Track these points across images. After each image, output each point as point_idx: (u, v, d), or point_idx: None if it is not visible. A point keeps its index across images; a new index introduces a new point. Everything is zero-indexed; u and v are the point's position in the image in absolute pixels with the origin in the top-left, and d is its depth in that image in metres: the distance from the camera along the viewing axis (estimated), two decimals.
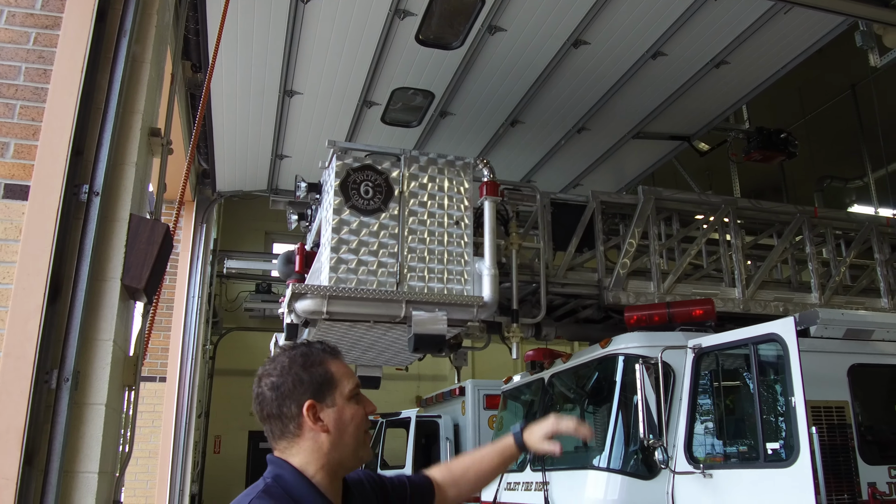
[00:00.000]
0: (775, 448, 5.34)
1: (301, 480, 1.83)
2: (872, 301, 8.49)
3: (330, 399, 1.89)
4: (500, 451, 2.43)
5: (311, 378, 1.90)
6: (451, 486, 2.35)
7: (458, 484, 2.37)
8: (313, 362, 1.93)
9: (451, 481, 2.36)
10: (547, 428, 2.41)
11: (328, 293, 5.95)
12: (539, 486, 6.76)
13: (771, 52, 8.06)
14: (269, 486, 1.81)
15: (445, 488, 2.34)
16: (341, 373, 1.95)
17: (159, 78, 4.67)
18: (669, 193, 7.92)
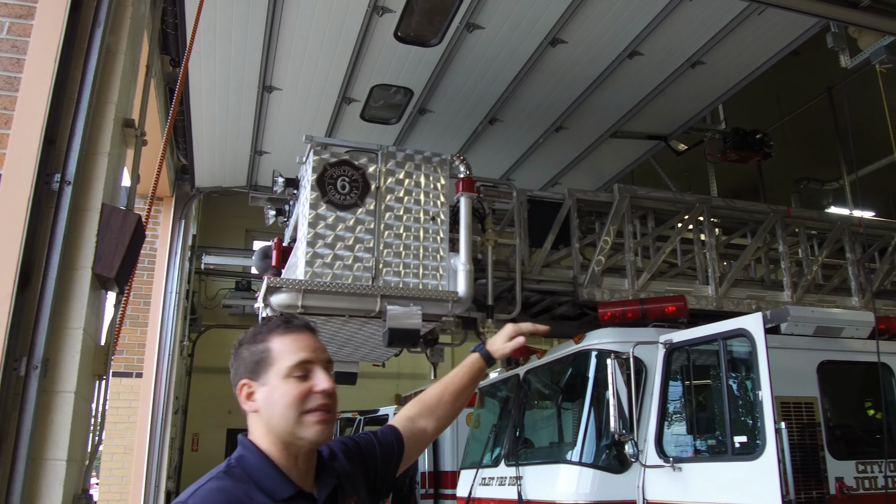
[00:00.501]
0: (743, 441, 5.42)
1: (262, 460, 1.83)
2: (844, 299, 8.63)
3: (264, 377, 1.86)
4: (469, 367, 2.48)
5: (250, 356, 1.90)
6: (428, 416, 2.37)
7: (436, 411, 2.39)
8: (257, 339, 1.92)
9: (427, 411, 2.38)
10: (508, 331, 2.51)
11: (303, 287, 5.98)
12: (513, 481, 6.82)
13: (746, 52, 8.17)
14: (231, 466, 1.82)
15: (421, 419, 2.36)
16: (283, 349, 1.88)
17: (134, 69, 4.68)
18: (645, 192, 8.01)
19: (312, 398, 1.84)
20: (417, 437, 2.34)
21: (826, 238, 8.86)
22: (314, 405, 1.84)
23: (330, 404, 1.86)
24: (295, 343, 1.90)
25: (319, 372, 1.88)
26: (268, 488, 1.79)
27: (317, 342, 1.94)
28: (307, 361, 1.87)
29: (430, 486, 12.00)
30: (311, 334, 1.95)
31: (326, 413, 1.85)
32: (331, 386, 1.87)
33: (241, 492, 1.76)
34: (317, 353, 1.90)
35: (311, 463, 1.92)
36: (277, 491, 1.79)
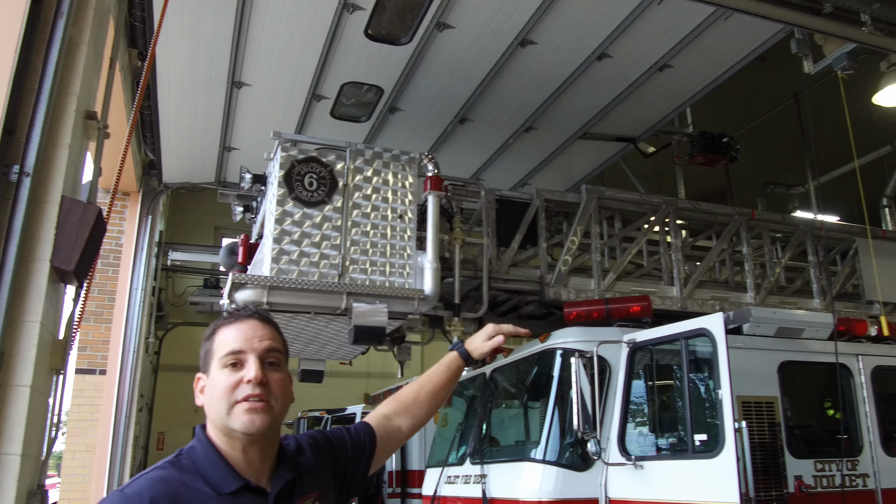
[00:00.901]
0: (703, 440, 5.49)
1: (210, 452, 1.81)
2: (805, 301, 8.78)
3: (209, 369, 1.87)
4: (447, 366, 2.46)
5: (202, 351, 1.92)
6: (403, 415, 2.34)
7: (411, 410, 2.36)
8: (209, 334, 1.92)
9: (403, 409, 2.35)
10: (487, 330, 2.51)
11: (269, 284, 5.95)
12: (478, 479, 6.84)
13: (713, 57, 8.28)
14: (179, 457, 1.82)
15: (396, 417, 2.33)
16: (224, 339, 1.87)
17: (98, 61, 4.64)
18: (612, 193, 8.08)
19: (241, 388, 1.81)
20: (391, 436, 2.31)
21: (789, 241, 9.01)
22: (242, 395, 1.80)
23: (260, 394, 1.81)
24: (232, 333, 1.88)
25: (251, 361, 1.84)
26: (213, 481, 1.76)
27: (259, 331, 1.89)
28: (238, 351, 1.84)
29: (397, 485, 11.98)
30: (258, 322, 1.91)
31: (255, 403, 1.80)
32: (256, 375, 1.81)
33: (183, 483, 1.73)
34: (251, 342, 1.86)
35: (265, 455, 1.87)
36: (222, 484, 1.77)
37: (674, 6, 7.23)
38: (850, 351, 6.86)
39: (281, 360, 1.92)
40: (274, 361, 1.89)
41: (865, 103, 11.55)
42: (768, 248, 8.86)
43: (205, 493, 1.73)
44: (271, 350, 1.88)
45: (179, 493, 1.70)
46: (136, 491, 1.68)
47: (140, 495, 1.67)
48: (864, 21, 6.42)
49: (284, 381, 1.91)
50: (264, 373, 1.84)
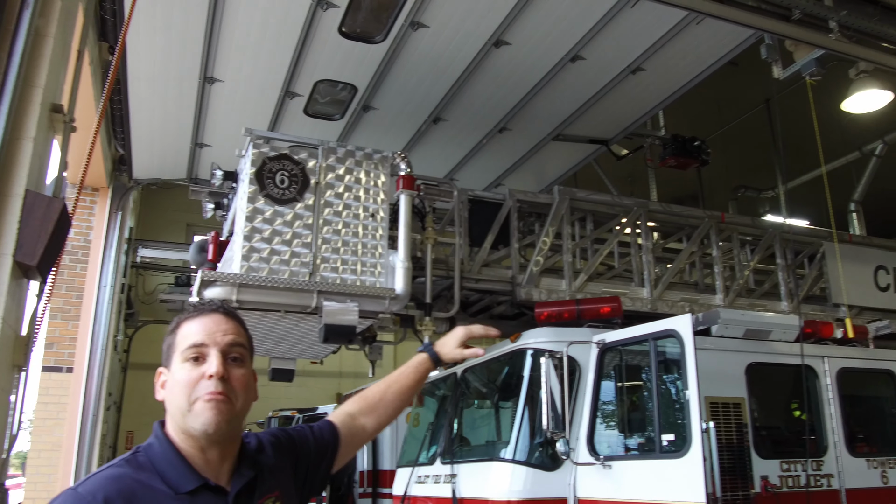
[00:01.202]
0: (671, 440, 5.53)
1: (168, 450, 1.77)
2: (773, 304, 8.89)
3: (171, 363, 1.82)
4: (415, 367, 2.45)
5: (165, 345, 1.87)
6: (369, 414, 2.31)
7: (377, 409, 2.33)
8: (172, 329, 1.87)
9: (368, 408, 2.32)
10: (458, 334, 2.50)
11: (238, 282, 5.91)
12: (448, 479, 6.84)
13: (685, 61, 8.36)
14: (135, 455, 1.77)
15: (362, 417, 2.30)
16: (187, 333, 1.82)
17: (65, 54, 4.57)
18: (584, 194, 8.13)
19: (202, 384, 1.76)
20: (355, 434, 2.28)
21: (758, 244, 9.12)
22: (202, 392, 1.75)
23: (221, 391, 1.76)
24: (195, 326, 1.83)
25: (213, 356, 1.79)
26: (170, 479, 1.71)
27: (223, 325, 1.84)
28: (200, 345, 1.79)
29: (368, 484, 11.96)
30: (222, 316, 1.87)
31: (216, 400, 1.75)
32: (218, 370, 1.76)
33: (137, 481, 1.68)
34: (214, 336, 1.81)
35: (225, 454, 1.82)
36: (180, 483, 1.71)
37: (646, 10, 7.28)
38: (816, 353, 6.97)
39: (245, 356, 1.87)
40: (237, 357, 1.84)
41: (835, 110, 11.74)
42: (737, 251, 8.96)
43: (162, 492, 1.68)
44: (234, 345, 1.83)
45: (135, 491, 1.65)
46: (89, 489, 1.63)
47: (93, 494, 1.61)
48: (832, 28, 6.52)
49: (248, 377, 1.86)
50: (226, 368, 1.79)
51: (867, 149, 13.34)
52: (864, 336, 7.52)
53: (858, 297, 9.20)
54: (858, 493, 6.58)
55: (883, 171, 13.56)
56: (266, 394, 14.31)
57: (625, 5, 7.22)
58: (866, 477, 6.71)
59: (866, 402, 7.61)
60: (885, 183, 14.72)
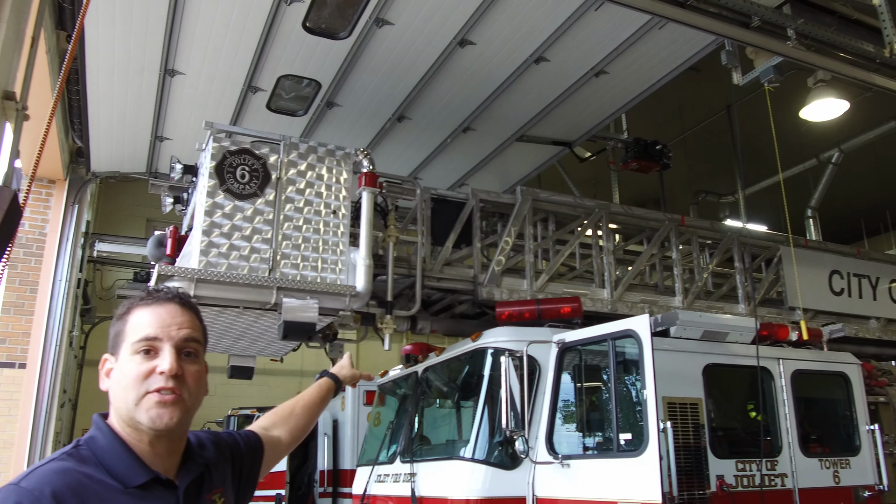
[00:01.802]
0: (627, 439, 5.58)
1: (113, 442, 1.69)
2: (731, 306, 9.02)
3: (119, 353, 1.75)
4: (319, 386, 2.60)
5: (113, 331, 1.79)
6: (282, 426, 2.36)
7: (289, 422, 2.39)
8: (121, 314, 1.80)
9: (281, 421, 2.38)
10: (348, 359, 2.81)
11: (196, 276, 5.82)
12: (407, 478, 6.82)
13: (647, 65, 8.45)
14: (78, 448, 1.68)
15: (275, 429, 2.34)
16: (137, 324, 1.75)
17: (18, 40, 4.46)
18: (546, 195, 8.16)
19: (153, 379, 1.69)
20: (274, 446, 2.29)
21: (717, 248, 9.24)
22: (154, 386, 1.69)
23: (172, 387, 1.70)
24: (148, 317, 1.76)
25: (166, 351, 1.73)
26: (118, 473, 1.64)
27: (178, 317, 1.78)
28: (153, 338, 1.73)
29: (328, 484, 11.89)
30: (178, 307, 1.80)
31: (167, 396, 1.69)
32: (171, 367, 1.70)
33: (84, 475, 1.60)
34: (168, 329, 1.75)
35: (173, 448, 1.77)
36: (130, 476, 1.65)
37: (610, 14, 7.35)
38: (771, 355, 7.07)
39: (199, 351, 1.82)
40: (191, 352, 1.78)
41: (794, 117, 11.98)
42: (697, 254, 9.08)
43: (111, 486, 1.61)
44: (189, 339, 1.78)
45: (84, 485, 1.58)
46: (34, 484, 1.54)
47: (39, 489, 1.52)
48: (790, 35, 6.64)
49: (200, 373, 1.81)
50: (180, 364, 1.73)
51: (824, 156, 13.64)
52: (818, 339, 7.66)
53: (813, 300, 9.38)
54: (811, 492, 6.70)
55: (839, 179, 13.87)
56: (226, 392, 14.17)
57: (588, 8, 7.28)
58: (819, 477, 6.83)
59: (820, 403, 7.75)
60: (841, 190, 15.06)
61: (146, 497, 1.66)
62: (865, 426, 7.27)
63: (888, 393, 8.27)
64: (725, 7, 6.49)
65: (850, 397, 7.39)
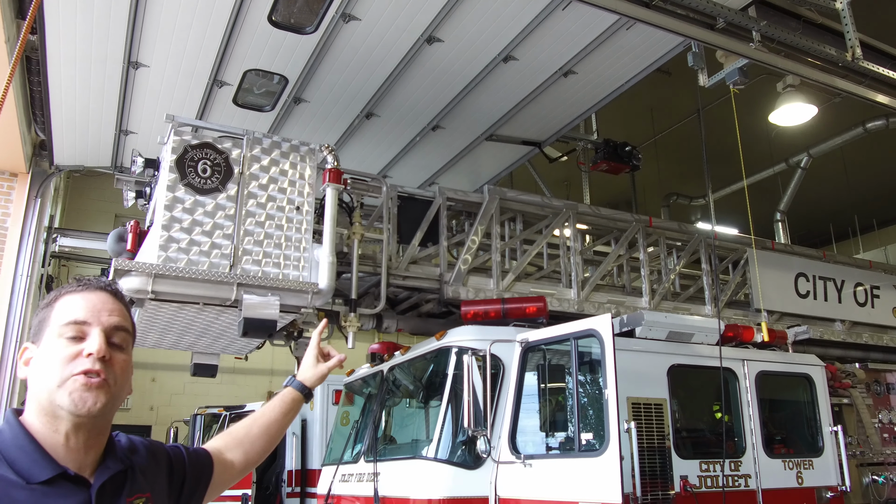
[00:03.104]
0: (589, 438, 5.57)
1: (19, 435, 1.62)
2: (698, 307, 9.07)
3: (41, 339, 1.70)
4: (281, 399, 2.37)
5: (37, 319, 1.74)
6: (235, 449, 2.21)
7: (243, 444, 2.23)
8: (48, 302, 1.75)
9: (234, 443, 2.23)
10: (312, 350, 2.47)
11: (154, 271, 5.71)
12: (371, 478, 6.77)
13: (616, 66, 8.46)
14: None
15: (228, 452, 2.20)
16: (63, 308, 1.70)
17: None
18: (514, 194, 8.15)
19: (79, 361, 1.64)
20: (226, 469, 2.17)
21: (684, 249, 9.29)
22: (79, 368, 1.63)
23: (99, 370, 1.64)
24: (77, 302, 1.71)
25: (95, 334, 1.68)
26: (21, 468, 1.57)
27: (108, 304, 1.73)
28: (81, 321, 1.68)
29: (296, 484, 11.81)
30: (108, 296, 1.75)
31: (92, 379, 1.63)
32: (100, 349, 1.65)
33: None
34: (98, 314, 1.71)
35: (92, 444, 1.69)
36: (33, 471, 1.58)
37: (578, 13, 7.34)
38: (736, 356, 7.12)
39: (127, 343, 1.76)
40: (119, 343, 1.73)
41: (764, 122, 12.09)
42: (664, 256, 9.11)
43: (10, 481, 1.54)
44: (118, 328, 1.73)
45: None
46: None
47: None
48: (754, 38, 6.67)
49: (128, 363, 1.76)
50: (108, 349, 1.68)
51: (793, 161, 13.78)
52: (783, 341, 7.72)
53: (779, 302, 9.46)
54: (774, 493, 6.75)
55: (808, 183, 14.03)
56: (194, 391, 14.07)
57: (556, 7, 7.27)
58: (782, 477, 6.89)
59: (784, 404, 7.82)
60: (810, 194, 15.23)
61: (51, 493, 1.58)
62: (829, 427, 7.35)
63: (851, 395, 8.35)
64: (691, 8, 6.51)
65: (814, 399, 7.46)
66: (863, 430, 8.26)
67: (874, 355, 10.04)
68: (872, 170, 15.70)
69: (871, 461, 8.14)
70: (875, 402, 8.61)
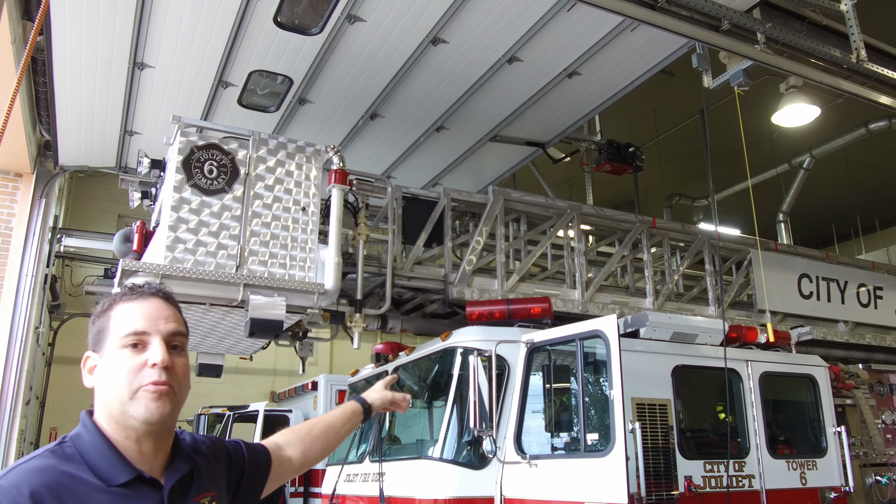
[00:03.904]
0: (595, 439, 5.59)
1: (98, 439, 1.69)
2: (701, 308, 9.08)
3: (104, 349, 1.76)
4: (343, 410, 2.54)
5: (94, 328, 1.80)
6: (296, 445, 2.31)
7: (304, 441, 2.34)
8: (102, 310, 1.80)
9: (296, 440, 2.33)
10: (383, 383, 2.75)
11: (161, 272, 5.74)
12: (376, 478, 6.78)
13: (620, 67, 8.47)
14: (62, 445, 1.68)
15: (288, 448, 2.28)
16: (121, 318, 1.76)
17: None
18: (518, 195, 8.16)
19: (145, 373, 1.71)
20: (282, 465, 2.24)
21: (688, 250, 9.30)
22: (147, 380, 1.70)
23: (166, 380, 1.71)
24: (134, 312, 1.77)
25: (156, 344, 1.74)
26: (101, 471, 1.63)
27: (163, 311, 1.79)
28: (141, 332, 1.74)
29: (299, 484, 11.84)
30: (162, 302, 1.81)
31: (160, 388, 1.71)
32: (163, 359, 1.72)
33: (65, 473, 1.59)
34: (156, 322, 1.76)
35: (161, 447, 1.77)
36: (112, 474, 1.64)
37: (583, 15, 7.36)
38: (740, 357, 7.13)
39: (184, 345, 1.84)
40: (178, 345, 1.80)
41: (767, 122, 12.10)
42: (668, 256, 9.13)
43: (92, 485, 1.60)
44: (176, 333, 1.79)
45: (64, 484, 1.56)
46: (12, 482, 1.53)
47: (17, 486, 1.52)
48: (759, 39, 6.69)
49: (187, 366, 1.84)
50: (170, 357, 1.75)
51: (796, 161, 13.79)
52: (786, 341, 7.73)
53: (782, 303, 9.48)
54: (778, 493, 6.76)
55: (810, 184, 14.03)
56: (197, 390, 14.02)
57: (561, 9, 7.28)
58: (786, 478, 6.90)
59: (787, 405, 7.83)
60: (813, 195, 15.24)
61: (129, 496, 1.64)
62: (832, 428, 7.36)
63: (855, 395, 8.36)
64: (696, 10, 6.53)
65: (818, 399, 7.47)
66: (866, 430, 8.28)
67: (877, 356, 10.06)
68: (875, 171, 15.72)
69: (874, 462, 8.16)
70: (878, 403, 8.63)
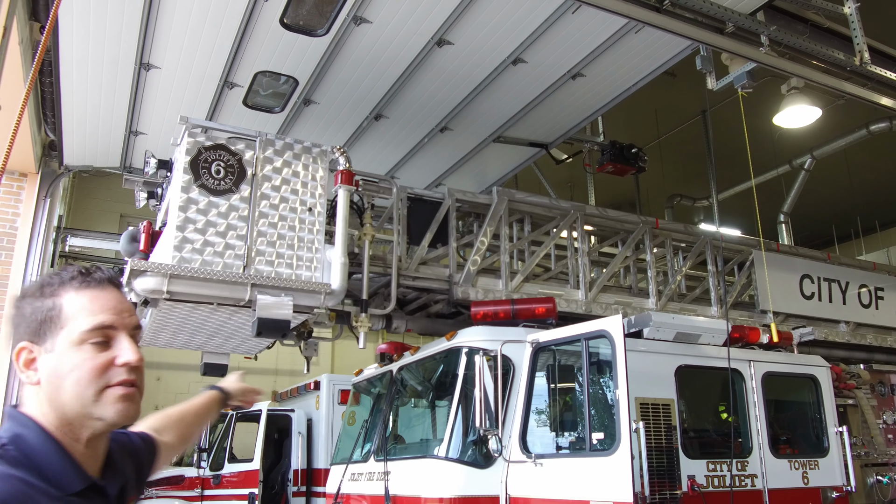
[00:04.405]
0: (600, 438, 5.62)
1: (46, 443, 1.50)
2: (704, 309, 9.12)
3: (51, 341, 1.53)
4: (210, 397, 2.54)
5: (34, 313, 1.55)
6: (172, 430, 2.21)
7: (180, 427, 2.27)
8: (45, 293, 1.57)
9: (172, 424, 2.24)
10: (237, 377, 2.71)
11: (170, 272, 5.77)
12: (381, 477, 6.81)
13: (623, 68, 8.51)
14: (4, 448, 1.46)
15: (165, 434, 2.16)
16: (78, 309, 1.55)
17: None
18: (522, 196, 8.21)
19: (113, 372, 1.54)
20: (165, 450, 2.12)
21: (690, 251, 9.35)
22: (116, 380, 1.54)
23: (135, 379, 1.57)
24: (94, 302, 1.57)
25: (124, 340, 1.58)
26: (55, 478, 1.46)
27: (123, 302, 1.62)
28: (108, 326, 1.56)
29: (302, 483, 11.85)
30: (117, 291, 1.63)
31: (130, 389, 1.56)
32: (136, 358, 1.57)
33: (20, 480, 1.42)
34: (122, 315, 1.59)
35: (100, 449, 1.61)
36: (66, 482, 1.48)
37: (587, 17, 7.39)
38: (742, 357, 7.17)
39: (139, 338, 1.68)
40: (136, 339, 1.64)
41: (769, 123, 12.14)
42: (670, 257, 9.17)
43: (46, 493, 1.44)
44: (138, 327, 1.64)
45: (26, 494, 1.40)
46: None
47: None
48: (763, 42, 6.73)
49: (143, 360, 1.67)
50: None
51: (797, 162, 13.83)
52: (788, 342, 7.77)
53: (784, 304, 9.52)
54: (781, 492, 6.80)
55: (811, 185, 14.08)
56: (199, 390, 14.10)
57: (566, 11, 7.31)
58: (788, 477, 6.93)
59: (789, 405, 7.87)
60: (814, 196, 15.28)
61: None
62: (834, 428, 7.39)
63: (856, 395, 8.41)
64: (700, 12, 6.56)
65: (819, 399, 7.50)
66: (867, 430, 8.32)
67: (878, 356, 10.11)
68: (875, 172, 15.77)
69: (875, 462, 8.20)
70: (879, 403, 8.67)
